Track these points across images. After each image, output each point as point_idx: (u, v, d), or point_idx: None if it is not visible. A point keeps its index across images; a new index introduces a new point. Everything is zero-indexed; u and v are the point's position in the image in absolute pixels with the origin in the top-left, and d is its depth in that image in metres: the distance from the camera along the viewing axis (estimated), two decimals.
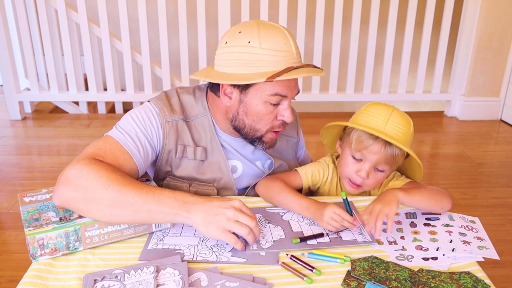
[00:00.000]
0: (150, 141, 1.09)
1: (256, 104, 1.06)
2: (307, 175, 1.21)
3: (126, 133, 1.05)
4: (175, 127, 1.12)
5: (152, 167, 1.18)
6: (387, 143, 1.08)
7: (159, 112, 1.11)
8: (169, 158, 1.14)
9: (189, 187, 1.15)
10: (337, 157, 1.25)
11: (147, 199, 0.91)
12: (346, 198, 1.05)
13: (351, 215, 1.00)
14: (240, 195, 1.21)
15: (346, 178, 1.16)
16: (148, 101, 1.14)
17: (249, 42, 1.02)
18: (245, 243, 0.94)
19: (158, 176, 1.17)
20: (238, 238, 0.92)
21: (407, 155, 1.13)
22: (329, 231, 1.00)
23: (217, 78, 1.06)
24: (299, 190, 1.21)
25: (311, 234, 0.99)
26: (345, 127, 1.19)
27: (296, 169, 1.23)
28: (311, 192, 1.26)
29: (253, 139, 1.13)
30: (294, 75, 1.01)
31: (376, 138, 1.08)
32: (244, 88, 1.06)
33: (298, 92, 1.10)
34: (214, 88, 1.12)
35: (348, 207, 1.03)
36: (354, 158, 1.13)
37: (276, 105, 1.07)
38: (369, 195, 1.22)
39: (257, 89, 1.05)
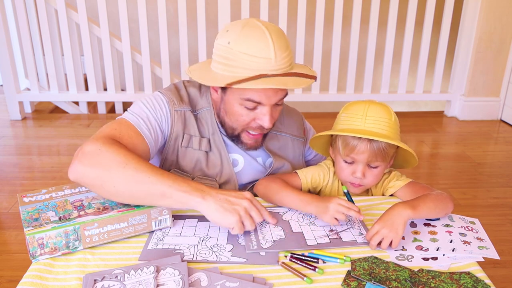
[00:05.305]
0: (160, 125, 1.13)
1: (233, 105, 1.08)
2: (306, 178, 1.20)
3: (138, 116, 1.10)
4: (183, 116, 1.15)
5: (158, 157, 1.20)
6: (371, 140, 1.08)
7: (169, 101, 1.15)
8: (175, 146, 1.16)
9: (192, 180, 1.15)
10: None
11: (162, 180, 0.93)
12: (348, 192, 1.06)
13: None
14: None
15: (346, 182, 1.17)
16: (158, 91, 1.18)
17: (228, 43, 1.02)
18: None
19: (163, 167, 1.18)
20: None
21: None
22: (330, 230, 1.00)
23: (192, 74, 1.10)
24: None
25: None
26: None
27: (296, 171, 1.22)
28: None
29: (233, 137, 1.16)
30: (255, 85, 0.98)
31: (359, 137, 1.08)
32: (223, 87, 1.07)
33: (285, 95, 1.09)
34: None
35: (350, 200, 1.04)
36: (346, 162, 1.14)
37: (253, 109, 1.07)
38: (372, 194, 1.22)
39: (233, 91, 1.06)
